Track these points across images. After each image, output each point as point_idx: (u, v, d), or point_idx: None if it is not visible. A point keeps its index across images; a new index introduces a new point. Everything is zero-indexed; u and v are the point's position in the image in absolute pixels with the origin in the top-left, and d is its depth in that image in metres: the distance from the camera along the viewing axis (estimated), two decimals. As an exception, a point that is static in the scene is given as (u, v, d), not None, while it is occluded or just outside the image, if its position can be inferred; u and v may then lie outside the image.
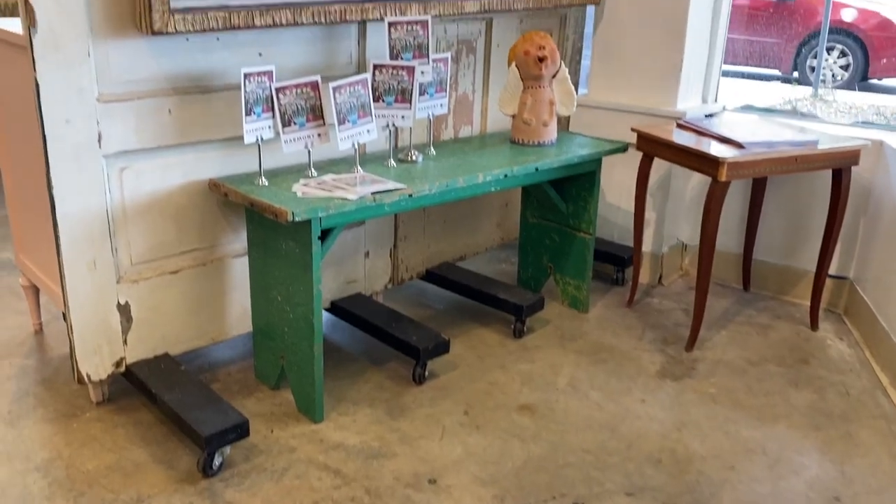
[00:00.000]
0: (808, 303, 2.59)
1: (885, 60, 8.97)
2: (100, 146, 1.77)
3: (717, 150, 2.24)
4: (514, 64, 2.39)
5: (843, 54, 8.98)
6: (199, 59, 1.89)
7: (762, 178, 2.67)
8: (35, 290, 2.32)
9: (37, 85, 1.65)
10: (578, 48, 2.98)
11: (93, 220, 1.80)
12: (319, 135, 1.99)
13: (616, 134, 2.71)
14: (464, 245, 2.77)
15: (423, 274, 2.63)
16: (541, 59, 2.34)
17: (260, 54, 2.00)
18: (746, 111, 2.98)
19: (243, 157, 1.99)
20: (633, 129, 2.51)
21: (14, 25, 1.95)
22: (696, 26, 2.66)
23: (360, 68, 2.23)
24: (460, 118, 2.60)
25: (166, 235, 1.96)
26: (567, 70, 2.45)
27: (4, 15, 4.23)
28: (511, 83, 2.41)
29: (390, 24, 2.10)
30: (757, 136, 2.33)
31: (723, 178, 2.18)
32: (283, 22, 1.91)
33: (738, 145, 2.25)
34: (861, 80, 9.03)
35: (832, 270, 2.61)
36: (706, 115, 2.80)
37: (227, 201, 1.98)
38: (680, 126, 2.51)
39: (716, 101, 2.92)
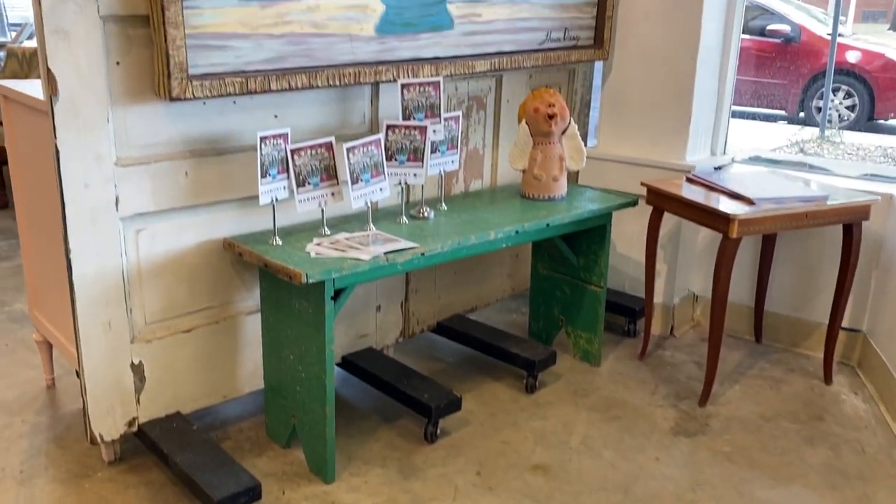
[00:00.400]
0: (822, 355, 2.57)
1: (890, 101, 9.02)
2: (117, 209, 1.80)
3: (727, 206, 2.24)
4: (524, 121, 2.42)
5: (848, 95, 9.04)
6: (216, 121, 1.92)
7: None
8: (48, 346, 2.33)
9: (57, 151, 1.68)
10: (587, 101, 3.02)
11: (109, 282, 1.82)
12: (333, 194, 2.02)
13: (626, 186, 2.73)
14: (474, 296, 2.77)
15: (434, 326, 2.63)
16: (550, 117, 2.37)
17: (275, 116, 2.04)
18: (755, 162, 2.99)
19: (257, 215, 2.02)
20: (642, 184, 2.53)
21: (33, 89, 2.00)
22: (703, 81, 2.70)
23: (374, 127, 2.27)
24: (471, 172, 2.62)
25: (180, 294, 1.97)
26: (576, 126, 2.47)
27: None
28: (521, 139, 2.44)
29: (403, 86, 2.13)
30: (766, 192, 2.34)
31: (734, 235, 2.18)
32: (299, 85, 1.95)
33: (749, 201, 2.26)
34: (868, 119, 9.08)
35: (845, 323, 2.59)
36: (715, 168, 2.82)
37: (241, 260, 2.00)
38: (689, 180, 2.52)
39: (724, 152, 2.94)
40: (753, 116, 9.12)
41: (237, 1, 1.81)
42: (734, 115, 2.93)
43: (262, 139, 1.85)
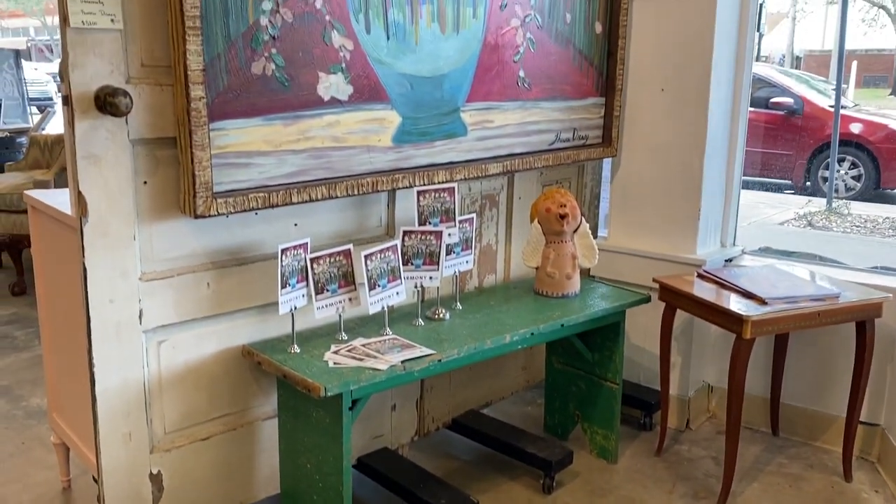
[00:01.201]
0: (840, 449, 2.55)
1: (895, 171, 9.09)
2: (140, 322, 1.83)
3: (739, 306, 2.26)
4: (536, 220, 2.47)
5: (853, 165, 9.13)
6: (238, 233, 1.98)
7: (785, 323, 2.68)
8: (65, 448, 2.34)
9: (84, 269, 1.73)
10: (596, 194, 3.08)
11: (130, 395, 1.85)
12: (350, 299, 2.05)
13: (637, 278, 2.76)
14: (489, 390, 2.78)
15: (450, 423, 2.62)
16: (562, 217, 2.42)
17: (296, 224, 2.09)
18: (765, 254, 3.02)
19: (276, 320, 2.05)
20: (654, 280, 2.56)
21: (60, 201, 2.07)
22: (711, 176, 2.75)
23: (390, 230, 2.32)
24: (485, 267, 2.66)
25: (199, 402, 1.99)
26: (587, 224, 2.52)
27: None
28: (534, 238, 2.48)
29: (419, 193, 2.19)
30: (778, 290, 2.36)
31: (747, 336, 2.20)
32: (319, 197, 2.01)
33: (761, 300, 2.28)
34: (874, 188, 9.14)
35: (863, 417, 2.57)
36: (726, 261, 2.85)
37: (260, 368, 2.02)
38: (701, 276, 2.55)
39: (734, 243, 2.98)
40: (761, 186, 9.20)
41: (262, 120, 1.88)
42: (742, 185, 2.98)
43: (283, 251, 1.90)
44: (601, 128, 2.80)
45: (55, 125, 5.71)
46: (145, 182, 1.79)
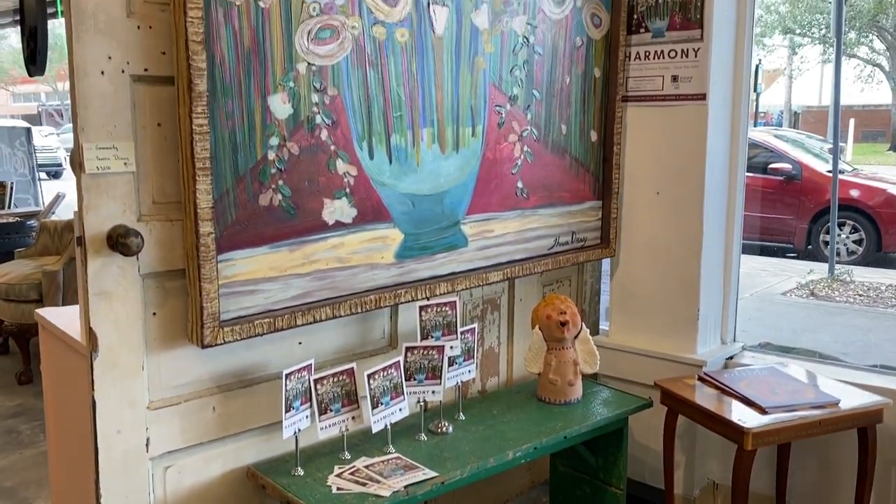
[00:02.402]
0: (849, 554, 2.52)
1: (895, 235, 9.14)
2: (147, 450, 1.86)
3: (740, 415, 2.28)
4: (537, 326, 2.51)
5: (854, 229, 9.19)
6: (244, 356, 2.02)
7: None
8: (69, 564, 2.34)
9: (93, 402, 1.77)
10: (596, 290, 3.12)
11: (136, 524, 1.86)
12: (354, 418, 2.08)
13: (639, 376, 2.78)
14: (494, 494, 2.77)
15: (454, 530, 2.61)
16: (563, 324, 2.46)
17: (300, 343, 2.14)
18: (765, 350, 3.03)
19: (280, 440, 2.06)
20: (656, 384, 2.58)
21: (70, 321, 2.12)
22: (709, 275, 2.79)
23: (393, 341, 2.36)
24: (487, 370, 2.69)
25: (204, 525, 2.00)
26: (588, 330, 2.56)
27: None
28: (535, 344, 2.52)
29: (421, 308, 2.24)
30: (778, 396, 2.37)
31: (748, 447, 2.21)
32: (323, 318, 2.05)
33: (761, 409, 2.30)
34: (877, 250, 9.19)
35: (870, 519, 2.55)
36: (727, 359, 2.87)
37: (265, 491, 2.03)
38: (702, 380, 2.57)
39: (734, 339, 3.00)
40: (763, 250, 9.26)
41: (268, 248, 1.94)
42: (744, 249, 3.02)
43: (287, 375, 1.93)
44: (599, 229, 2.86)
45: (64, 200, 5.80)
46: (154, 313, 1.84)
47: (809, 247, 9.20)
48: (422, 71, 2.19)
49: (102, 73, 1.68)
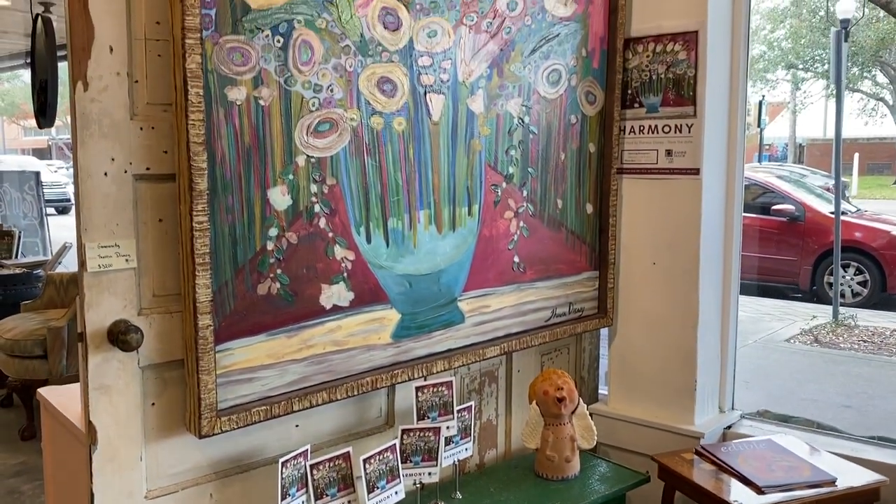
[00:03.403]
0: None
1: (900, 277, 9.10)
2: (144, 541, 1.88)
3: (737, 495, 2.28)
4: (534, 402, 2.53)
5: (859, 271, 9.19)
6: (241, 441, 2.04)
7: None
8: None
9: (91, 494, 1.79)
10: (595, 356, 3.14)
11: None
12: (350, 503, 2.09)
13: (637, 445, 2.79)
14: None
15: None
16: (560, 400, 2.47)
17: (297, 425, 2.16)
18: (763, 419, 3.03)
19: (277, 524, 2.08)
20: (653, 459, 2.58)
21: (72, 403, 2.14)
22: (706, 347, 2.81)
23: (390, 419, 2.38)
24: (485, 443, 2.70)
25: None
26: (585, 405, 2.57)
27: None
28: (533, 419, 2.53)
29: (417, 389, 2.26)
30: (774, 474, 2.38)
31: (745, 530, 2.21)
32: (319, 402, 2.07)
33: (758, 489, 2.30)
34: (881, 291, 9.17)
35: None
36: (725, 428, 2.87)
37: (260, 574, 2.04)
38: (699, 454, 2.57)
39: (732, 408, 3.00)
40: (767, 291, 9.26)
41: (266, 336, 1.97)
42: (749, 290, 3.03)
43: (283, 463, 1.95)
44: (596, 299, 2.88)
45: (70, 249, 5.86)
46: (153, 403, 1.87)
47: (814, 287, 9.21)
48: (419, 156, 2.24)
49: (105, 174, 1.73)
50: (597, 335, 3.11)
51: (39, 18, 5.51)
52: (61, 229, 10.38)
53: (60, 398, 2.24)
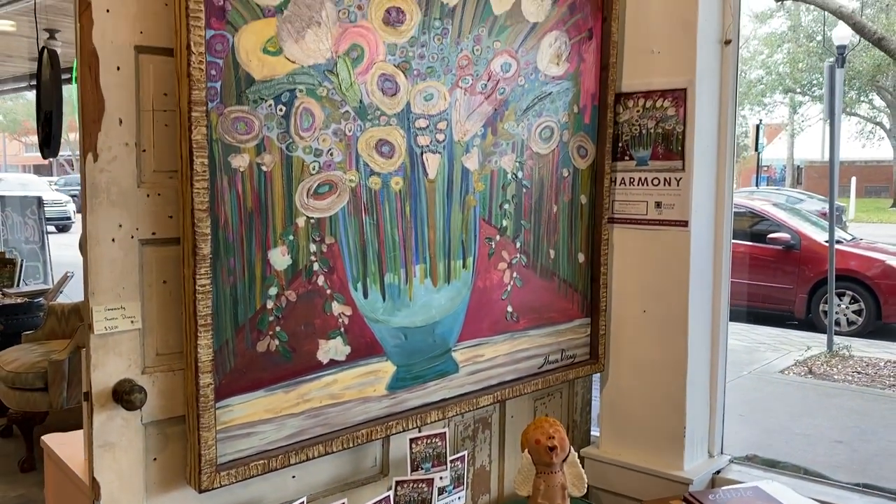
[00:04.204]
0: None
1: (895, 305, 9.21)
2: None
3: (723, 546, 2.34)
4: (526, 450, 2.58)
5: (854, 300, 9.26)
6: (239, 494, 2.09)
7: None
8: None
9: (94, 549, 1.85)
10: (587, 400, 3.20)
11: None
12: (345, 553, 2.14)
13: (628, 490, 2.85)
14: None
15: None
16: (551, 449, 2.53)
17: (294, 476, 2.21)
18: (751, 464, 3.08)
19: (273, 574, 2.14)
20: (642, 506, 2.64)
21: (72, 448, 2.21)
22: (695, 393, 2.87)
23: (384, 468, 2.43)
24: (478, 489, 2.75)
25: None
26: (576, 454, 2.63)
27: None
28: (525, 467, 2.58)
29: (411, 440, 2.32)
30: (761, 524, 2.43)
31: (730, 581, 2.26)
32: (316, 455, 2.13)
33: (743, 540, 2.36)
34: (876, 320, 9.23)
35: None
36: (714, 473, 2.93)
37: None
38: (687, 501, 2.63)
39: (721, 452, 3.06)
40: (763, 318, 9.33)
41: (264, 392, 2.04)
42: (745, 317, 3.08)
43: (281, 517, 2.01)
44: (588, 345, 2.95)
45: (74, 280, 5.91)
46: (155, 458, 1.93)
47: (809, 315, 9.28)
48: (415, 213, 2.32)
49: (113, 240, 1.80)
50: (589, 379, 3.17)
51: (45, 51, 5.63)
52: (61, 248, 10.45)
53: (64, 447, 2.29)
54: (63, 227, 20.43)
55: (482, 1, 2.38)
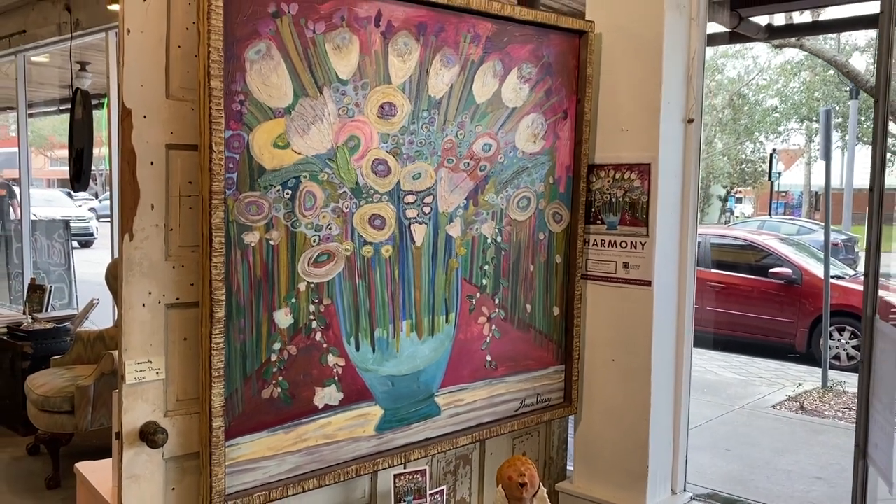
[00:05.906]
0: None
1: None
2: None
3: (670, 576, 2.63)
4: (500, 485, 2.90)
5: (854, 335, 9.44)
6: (244, 520, 2.43)
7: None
8: None
9: (120, 565, 2.18)
10: (564, 438, 3.50)
11: None
12: (334, 573, 2.47)
13: (597, 524, 3.14)
14: None
15: None
16: (522, 485, 2.84)
17: (291, 505, 2.54)
18: (711, 501, 3.37)
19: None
20: (604, 539, 2.94)
21: (98, 474, 2.55)
22: (658, 435, 3.17)
23: (373, 499, 2.76)
24: (458, 519, 3.07)
25: None
26: (545, 489, 2.94)
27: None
28: (498, 500, 2.89)
29: (395, 476, 2.65)
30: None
31: None
32: (311, 488, 2.46)
33: (689, 571, 2.65)
34: (876, 354, 9.35)
35: None
36: (674, 510, 3.22)
37: None
38: (645, 536, 2.92)
39: (685, 489, 3.35)
40: (765, 350, 9.54)
41: (267, 433, 2.37)
42: (746, 349, 3.36)
43: (279, 541, 2.34)
44: (562, 390, 3.26)
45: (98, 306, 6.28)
46: (173, 488, 2.27)
47: (810, 349, 9.50)
48: (403, 275, 2.66)
49: (143, 305, 2.16)
50: (566, 419, 3.48)
51: (79, 91, 6.07)
52: (85, 264, 10.87)
53: (95, 474, 2.64)
54: (86, 242, 20.99)
55: (466, 92, 2.73)
